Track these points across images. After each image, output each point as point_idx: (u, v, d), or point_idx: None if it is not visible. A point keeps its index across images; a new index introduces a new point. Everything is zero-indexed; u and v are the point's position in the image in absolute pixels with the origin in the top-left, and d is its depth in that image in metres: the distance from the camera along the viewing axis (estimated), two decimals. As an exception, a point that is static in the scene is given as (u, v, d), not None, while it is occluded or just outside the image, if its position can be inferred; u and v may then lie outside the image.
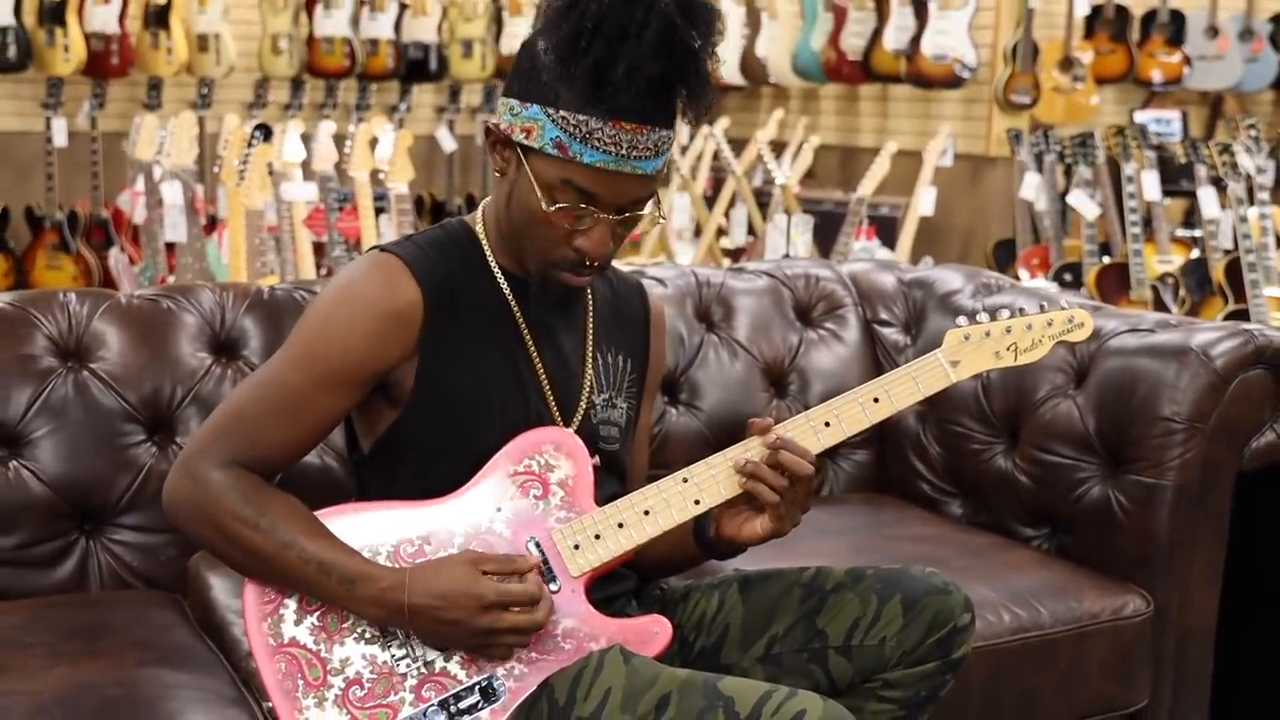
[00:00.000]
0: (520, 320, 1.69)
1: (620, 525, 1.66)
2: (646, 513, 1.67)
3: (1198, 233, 5.79)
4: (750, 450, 1.66)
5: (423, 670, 1.62)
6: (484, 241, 1.70)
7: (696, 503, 1.67)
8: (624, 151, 1.56)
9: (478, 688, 1.62)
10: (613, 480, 1.76)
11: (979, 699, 2.02)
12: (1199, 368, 2.17)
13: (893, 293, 2.71)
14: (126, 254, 5.39)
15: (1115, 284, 4.93)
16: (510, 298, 1.69)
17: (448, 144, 6.68)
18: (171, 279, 4.73)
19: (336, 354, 1.62)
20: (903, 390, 1.71)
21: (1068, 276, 5.18)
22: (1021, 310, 1.75)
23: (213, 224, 5.22)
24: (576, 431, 1.71)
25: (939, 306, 2.63)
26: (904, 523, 2.43)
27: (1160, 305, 4.88)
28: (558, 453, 1.67)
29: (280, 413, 1.64)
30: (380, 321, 1.62)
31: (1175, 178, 5.65)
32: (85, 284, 5.97)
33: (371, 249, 1.70)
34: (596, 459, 1.70)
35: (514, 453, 1.67)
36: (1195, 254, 5.25)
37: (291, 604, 1.64)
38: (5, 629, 1.91)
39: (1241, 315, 4.69)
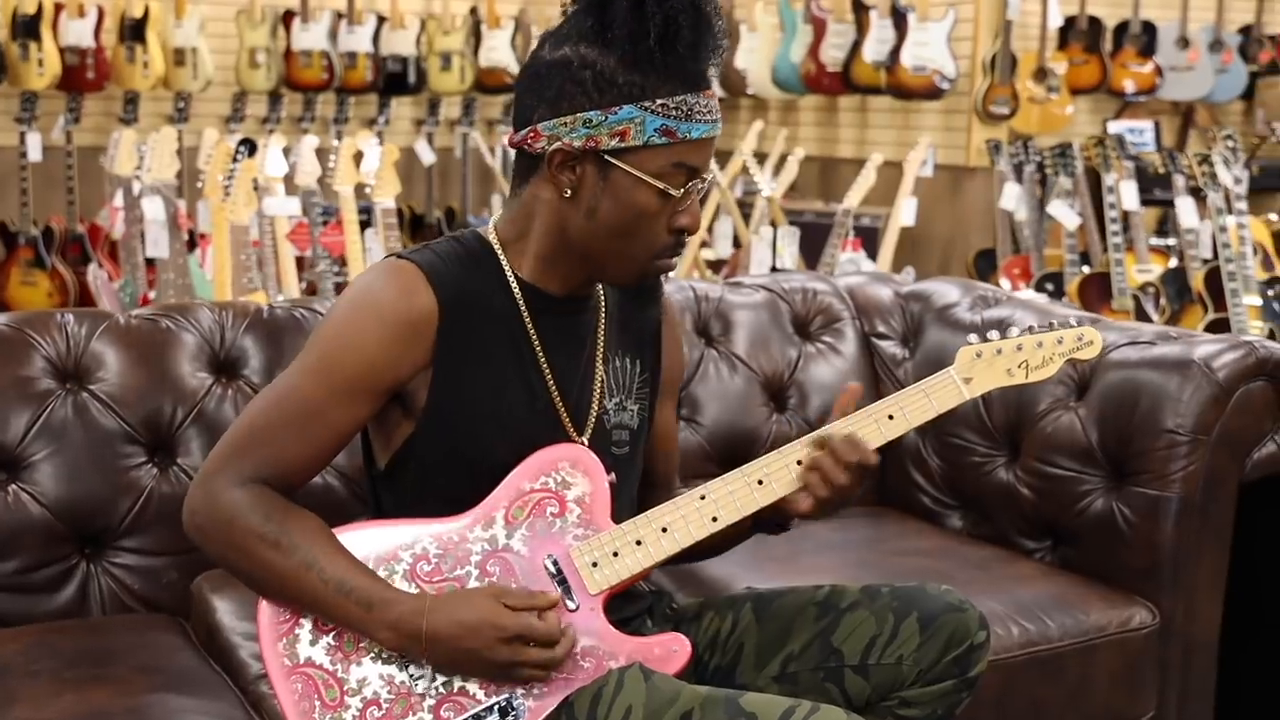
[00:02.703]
0: (532, 331, 1.68)
1: (638, 543, 1.66)
2: (664, 530, 1.66)
3: (1171, 241, 5.85)
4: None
5: (441, 690, 1.61)
6: (500, 253, 1.69)
7: (714, 519, 1.67)
8: (715, 116, 1.61)
9: (496, 708, 1.61)
10: (626, 484, 1.76)
11: (990, 714, 2.02)
12: (1202, 380, 2.18)
13: (889, 306, 2.71)
14: (105, 270, 5.34)
15: (1097, 293, 4.96)
16: (524, 309, 1.68)
17: (427, 157, 6.66)
18: (153, 294, 4.69)
19: (353, 362, 1.61)
20: (916, 407, 1.71)
21: (1049, 286, 5.21)
22: (1031, 328, 1.75)
23: (191, 240, 5.18)
24: (590, 439, 1.71)
25: (937, 319, 2.63)
26: (905, 536, 2.43)
27: (1141, 314, 4.92)
28: (574, 470, 1.67)
29: (298, 425, 1.62)
30: (397, 328, 1.61)
31: (1149, 187, 5.70)
32: (61, 300, 5.91)
33: (388, 256, 1.69)
34: (613, 475, 1.69)
35: (530, 470, 1.66)
36: (1173, 263, 5.30)
37: (307, 624, 1.62)
38: (10, 656, 1.89)
39: (1222, 324, 4.73)
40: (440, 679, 1.61)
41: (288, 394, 1.64)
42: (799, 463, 1.69)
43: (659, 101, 1.56)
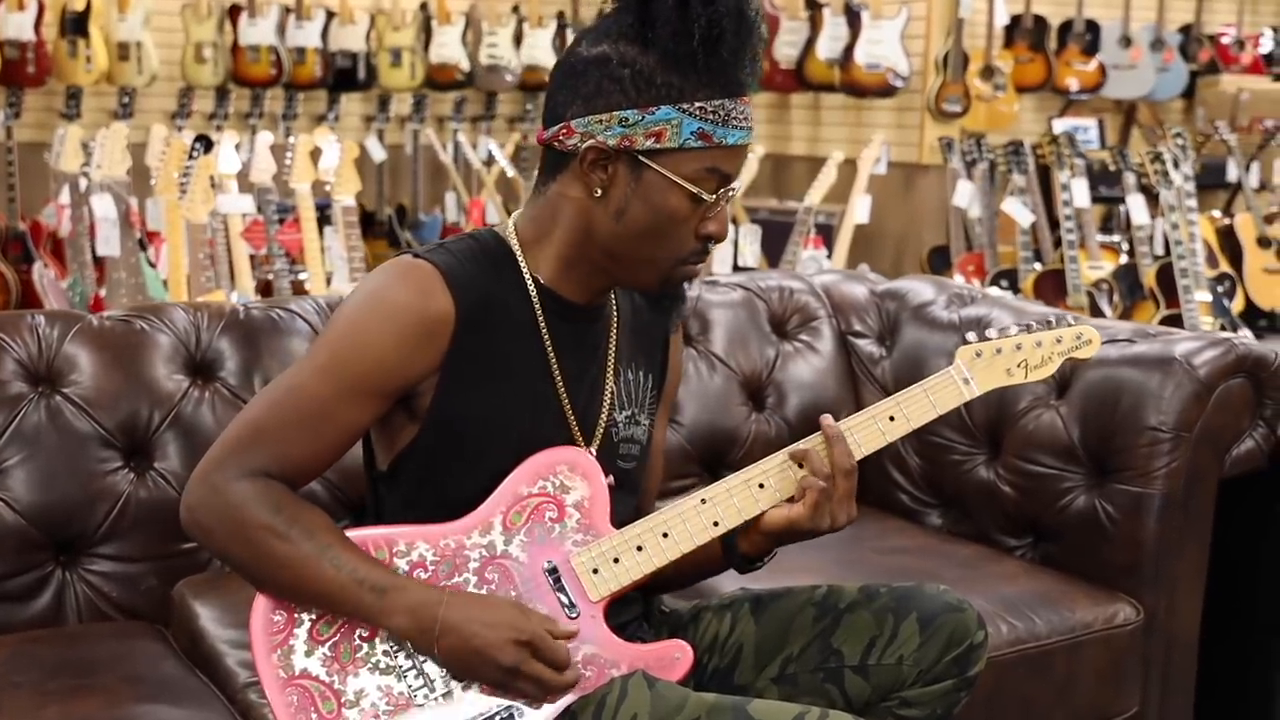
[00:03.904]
0: (546, 336, 1.66)
1: (639, 548, 1.64)
2: (665, 535, 1.64)
3: (1115, 237, 5.92)
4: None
5: (440, 701, 1.58)
6: (519, 254, 1.66)
7: (715, 524, 1.65)
8: (749, 124, 1.60)
9: (498, 717, 1.59)
10: (629, 498, 1.73)
11: (981, 712, 2.02)
12: (1183, 377, 2.20)
13: (865, 304, 2.71)
14: (51, 269, 5.23)
15: (1052, 290, 5.01)
16: (540, 314, 1.65)
17: (377, 154, 6.58)
18: (102, 293, 4.61)
19: (366, 362, 1.57)
20: (918, 408, 1.71)
21: (1004, 283, 5.25)
22: (1030, 326, 1.75)
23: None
24: (597, 451, 1.68)
25: (914, 318, 2.64)
26: (886, 534, 2.43)
27: (1096, 310, 4.97)
28: (573, 473, 1.64)
29: (305, 423, 1.58)
30: (412, 330, 1.57)
31: (1094, 184, 5.77)
32: (3, 299, 5.78)
33: (403, 254, 1.65)
34: (611, 478, 1.67)
35: (528, 474, 1.64)
36: (1123, 259, 5.37)
37: (301, 634, 1.59)
38: (-12, 667, 1.84)
39: (1174, 320, 4.80)
40: (440, 690, 1.58)
41: (295, 391, 1.60)
42: (800, 465, 1.68)
43: (697, 104, 1.54)
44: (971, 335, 1.74)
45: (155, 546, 2.08)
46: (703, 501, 1.65)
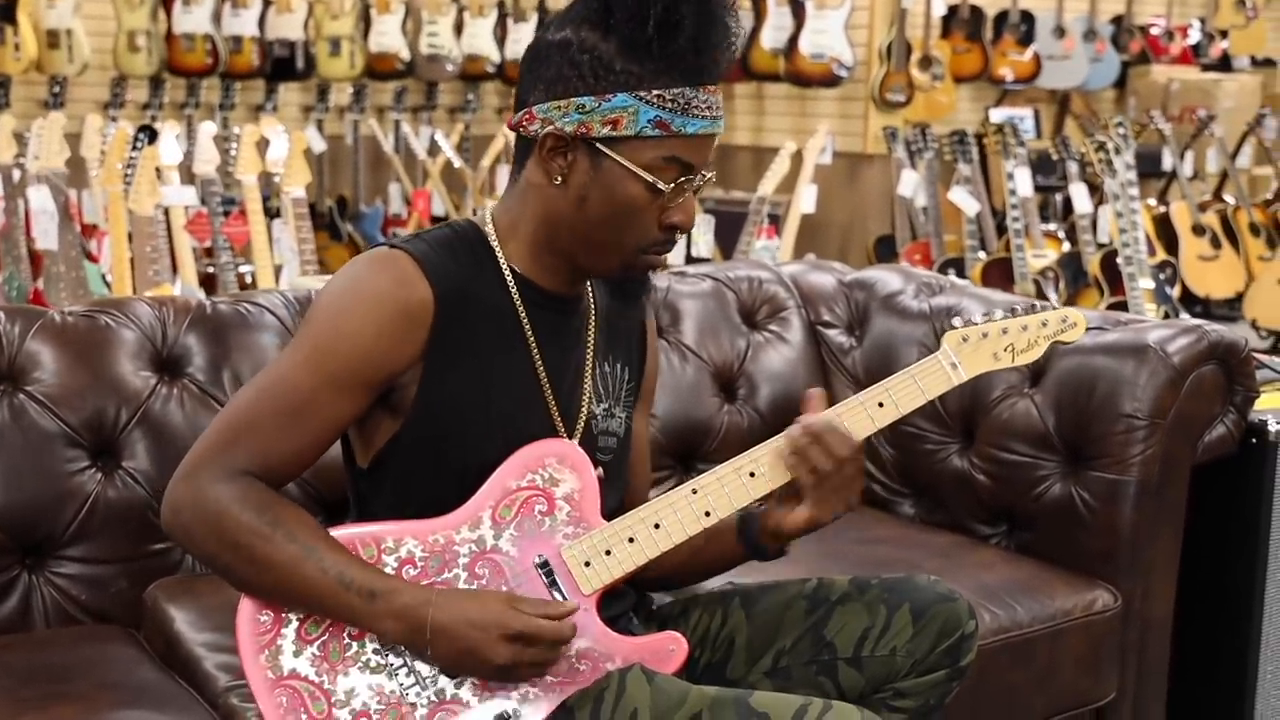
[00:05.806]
0: (526, 327, 1.64)
1: (631, 540, 1.62)
2: (657, 526, 1.63)
3: (1053, 226, 5.99)
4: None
5: (434, 699, 1.56)
6: (495, 244, 1.64)
7: (707, 514, 1.64)
8: (715, 114, 1.56)
9: (493, 715, 1.56)
10: (612, 492, 1.71)
11: (965, 700, 2.02)
12: (1158, 364, 2.21)
13: (833, 294, 2.71)
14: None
15: (1000, 278, 5.05)
16: (519, 304, 1.63)
17: (316, 144, 6.48)
18: (40, 285, 4.50)
19: (348, 352, 1.54)
20: (906, 394, 1.69)
21: (952, 271, 5.28)
22: (1014, 310, 1.75)
23: (76, 230, 4.96)
24: (578, 443, 1.66)
25: (883, 308, 2.63)
26: (863, 525, 2.42)
27: (1042, 298, 5.02)
28: (561, 466, 1.62)
29: (288, 417, 1.55)
30: (393, 317, 1.55)
31: (1032, 173, 5.83)
32: (-69, 294, 5.63)
33: (378, 245, 1.62)
34: (600, 470, 1.65)
35: (517, 467, 1.61)
36: (1065, 248, 5.43)
37: (289, 634, 1.55)
38: (-42, 675, 1.78)
39: (1119, 307, 4.86)
40: (433, 687, 1.56)
41: (277, 385, 1.57)
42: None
43: (655, 92, 1.52)
44: (957, 320, 1.73)
45: (125, 548, 2.03)
46: (694, 491, 1.64)
